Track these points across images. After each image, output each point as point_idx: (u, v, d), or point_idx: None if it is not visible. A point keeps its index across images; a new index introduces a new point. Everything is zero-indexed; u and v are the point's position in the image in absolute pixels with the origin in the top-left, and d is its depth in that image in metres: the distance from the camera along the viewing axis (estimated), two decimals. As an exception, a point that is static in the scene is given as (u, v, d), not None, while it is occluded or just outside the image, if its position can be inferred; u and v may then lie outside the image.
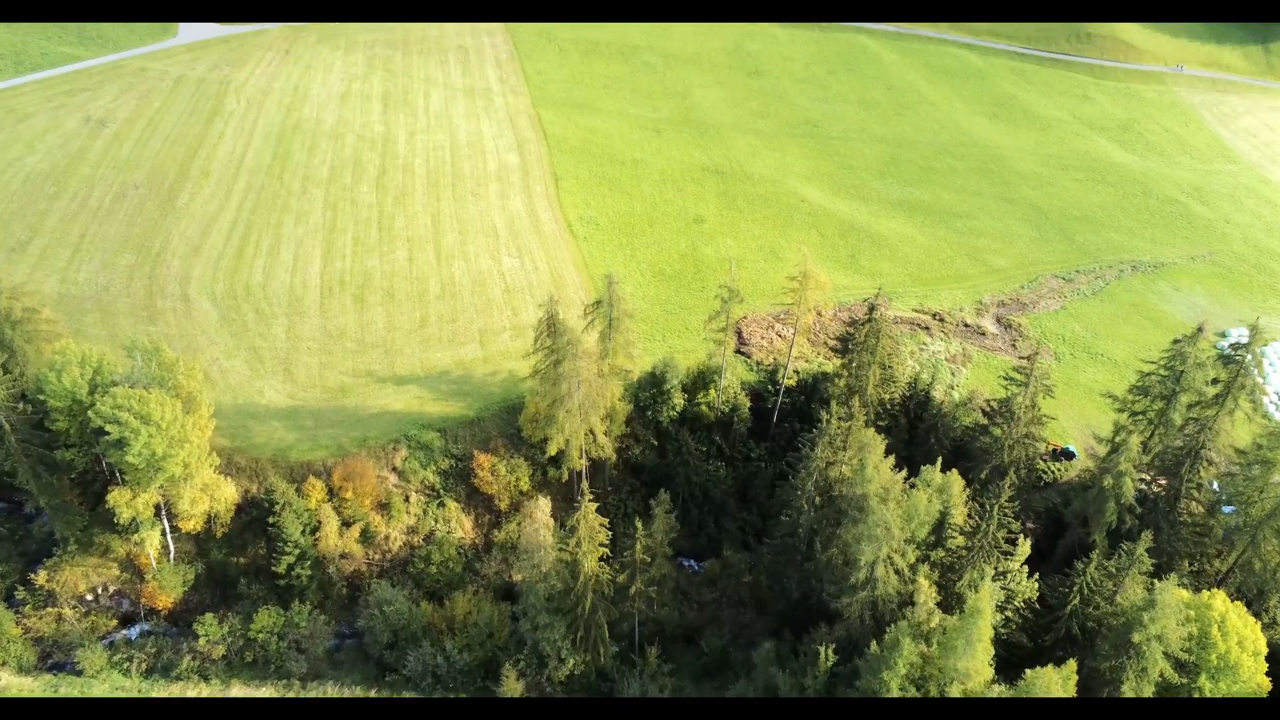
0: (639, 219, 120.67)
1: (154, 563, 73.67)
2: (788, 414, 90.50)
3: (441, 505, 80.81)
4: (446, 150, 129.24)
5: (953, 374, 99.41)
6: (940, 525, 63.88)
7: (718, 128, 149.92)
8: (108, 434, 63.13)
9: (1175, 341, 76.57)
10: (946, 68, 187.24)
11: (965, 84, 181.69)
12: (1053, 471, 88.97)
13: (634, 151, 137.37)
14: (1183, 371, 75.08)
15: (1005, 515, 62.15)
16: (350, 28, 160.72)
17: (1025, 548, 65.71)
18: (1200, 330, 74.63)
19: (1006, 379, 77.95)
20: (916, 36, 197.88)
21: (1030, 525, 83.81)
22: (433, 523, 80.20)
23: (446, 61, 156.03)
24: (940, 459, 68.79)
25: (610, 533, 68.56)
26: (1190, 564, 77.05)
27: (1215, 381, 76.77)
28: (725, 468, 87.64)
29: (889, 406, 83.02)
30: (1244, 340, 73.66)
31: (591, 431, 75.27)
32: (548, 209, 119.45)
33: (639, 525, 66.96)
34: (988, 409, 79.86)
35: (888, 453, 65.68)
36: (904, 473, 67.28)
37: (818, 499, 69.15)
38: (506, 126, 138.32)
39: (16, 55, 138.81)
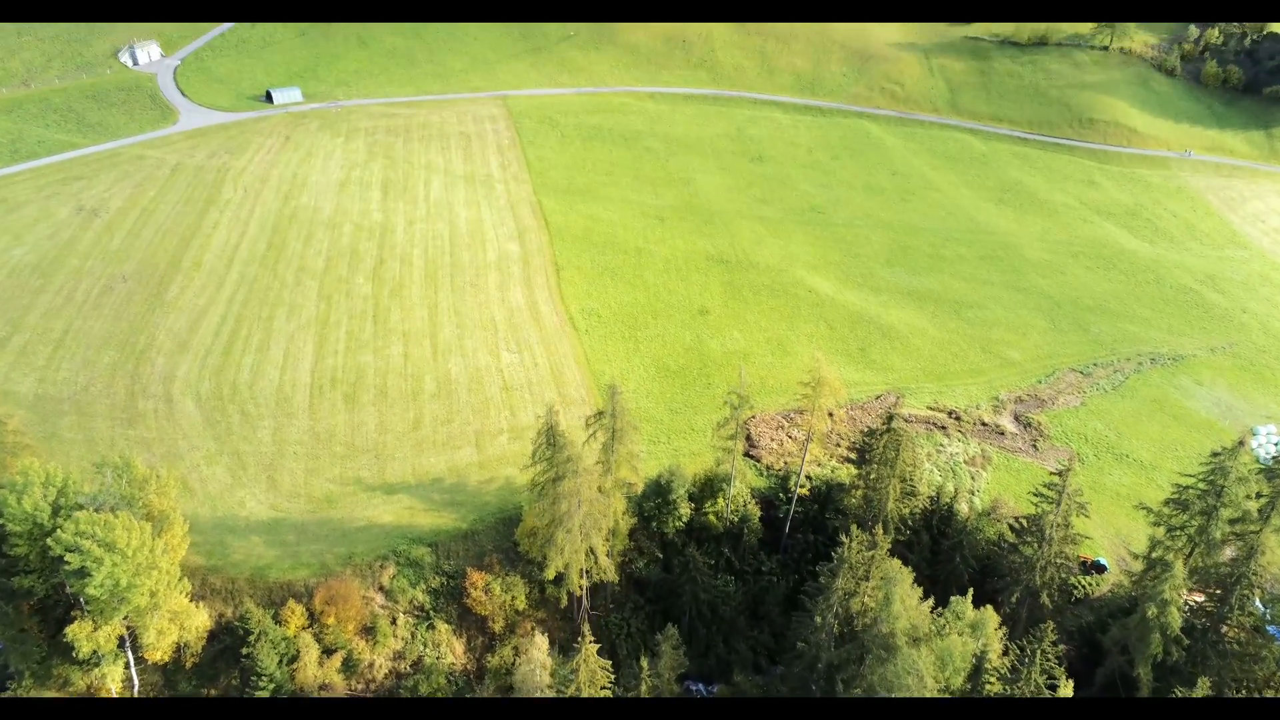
0: (642, 310, 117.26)
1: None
2: (801, 524, 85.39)
3: (431, 627, 75.13)
4: (446, 239, 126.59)
5: (973, 478, 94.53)
6: (977, 670, 58.37)
7: (722, 214, 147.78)
8: (68, 563, 58.19)
9: (1214, 454, 71.92)
10: (950, 153, 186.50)
11: (970, 169, 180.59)
12: (1083, 586, 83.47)
13: (637, 240, 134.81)
14: (1223, 487, 70.34)
15: (1048, 659, 56.74)
16: (352, 115, 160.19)
17: (1068, 689, 60.06)
18: (1241, 444, 70.05)
19: (1037, 495, 73.05)
20: (919, 122, 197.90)
21: (1063, 646, 78.07)
22: (421, 647, 74.40)
23: (448, 148, 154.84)
24: (967, 579, 63.84)
25: (612, 662, 63.10)
26: (1236, 692, 71.26)
27: (1258, 495, 71.97)
28: (735, 582, 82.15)
29: (910, 522, 77.93)
30: (1276, 439, 69.04)
31: (592, 551, 70.15)
32: (548, 300, 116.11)
33: (644, 664, 61.38)
34: (1016, 525, 74.81)
35: (907, 565, 60.63)
36: (930, 602, 62.13)
37: (838, 631, 63.72)
38: (507, 214, 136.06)
39: (13, 143, 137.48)
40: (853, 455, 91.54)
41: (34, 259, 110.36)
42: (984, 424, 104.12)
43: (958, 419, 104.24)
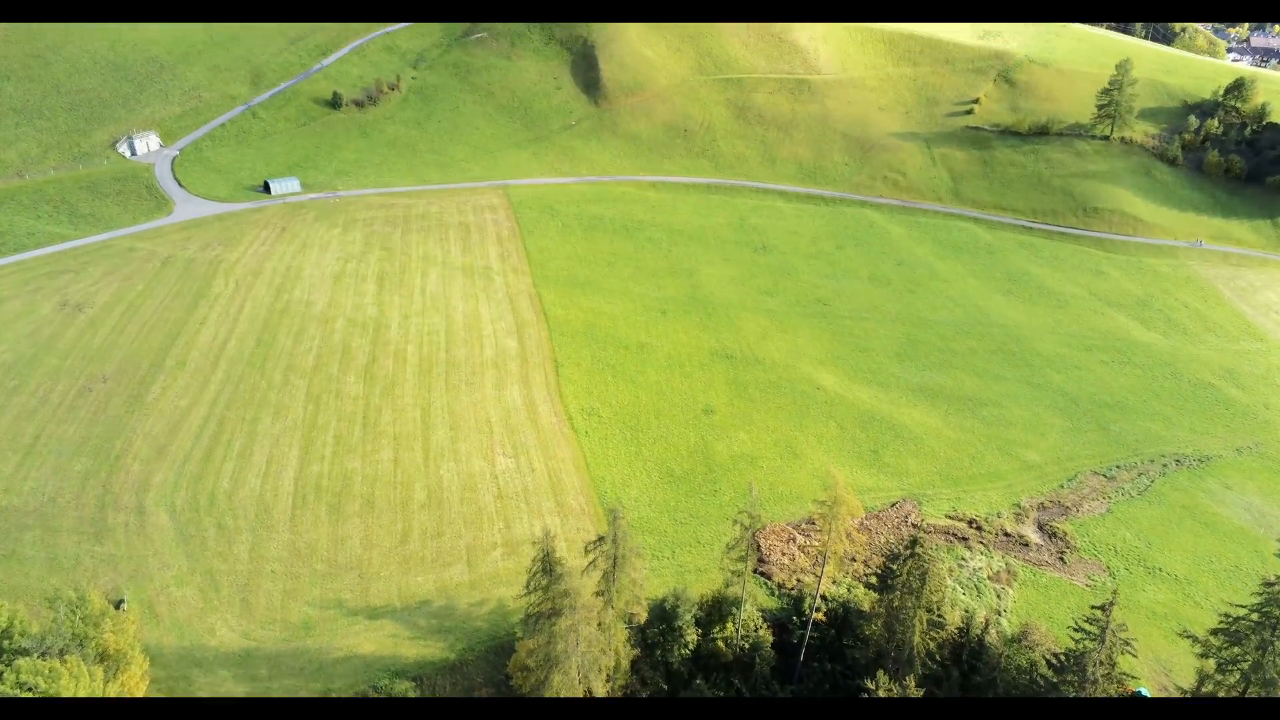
0: (645, 410, 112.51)
1: None
2: (817, 650, 78.96)
3: (413, 773, 68.11)
4: (442, 335, 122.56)
5: (999, 596, 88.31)
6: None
7: (725, 307, 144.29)
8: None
9: (1267, 584, 66.17)
10: (955, 242, 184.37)
11: (975, 259, 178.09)
12: (1126, 722, 76.52)
13: (639, 334, 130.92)
14: (1279, 619, 64.41)
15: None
16: (350, 206, 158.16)
17: None
18: (1297, 573, 64.38)
19: (1077, 630, 66.96)
20: (923, 211, 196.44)
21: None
22: (402, 796, 67.29)
23: (447, 238, 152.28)
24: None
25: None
26: None
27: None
28: (746, 717, 75.28)
29: (938, 656, 71.63)
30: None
31: (590, 692, 63.81)
32: (547, 399, 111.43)
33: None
34: (1055, 662, 68.44)
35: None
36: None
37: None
38: (506, 308, 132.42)
39: (1, 235, 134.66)
40: (870, 572, 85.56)
41: (10, 358, 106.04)
42: (1007, 534, 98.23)
43: (979, 529, 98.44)
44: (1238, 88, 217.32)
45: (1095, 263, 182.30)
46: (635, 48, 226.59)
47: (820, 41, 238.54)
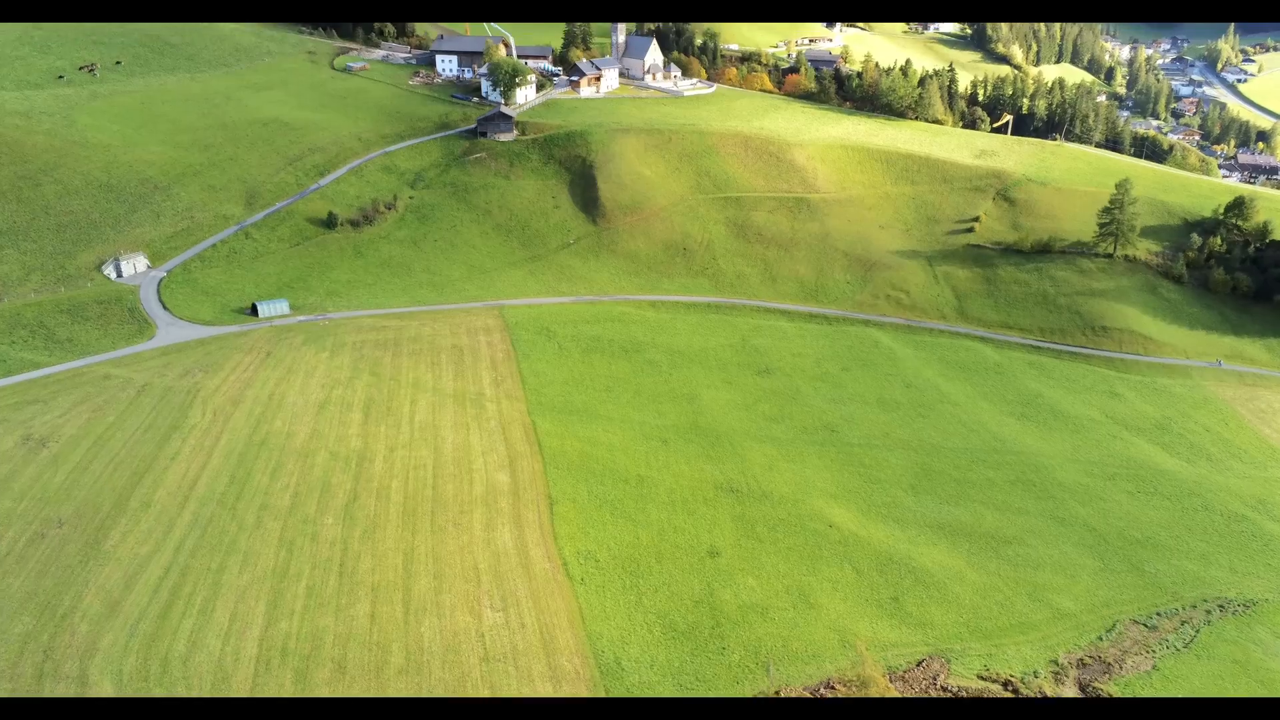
0: (645, 552, 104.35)
1: None
2: None
3: None
4: (429, 469, 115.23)
5: (1045, 777, 78.41)
6: None
7: (729, 435, 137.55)
8: None
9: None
10: (963, 362, 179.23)
11: (985, 380, 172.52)
12: None
13: (639, 466, 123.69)
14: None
15: None
16: (340, 328, 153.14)
17: None
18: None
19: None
20: (928, 330, 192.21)
21: None
22: None
23: (439, 363, 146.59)
24: None
25: None
26: None
27: None
28: None
29: None
30: None
31: None
32: (540, 542, 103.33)
33: None
34: None
35: None
36: None
37: None
38: (498, 438, 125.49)
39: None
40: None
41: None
42: (1047, 698, 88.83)
43: (1015, 691, 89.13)
44: (1238, 206, 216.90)
45: (1109, 383, 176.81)
46: (633, 166, 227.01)
47: (818, 161, 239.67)
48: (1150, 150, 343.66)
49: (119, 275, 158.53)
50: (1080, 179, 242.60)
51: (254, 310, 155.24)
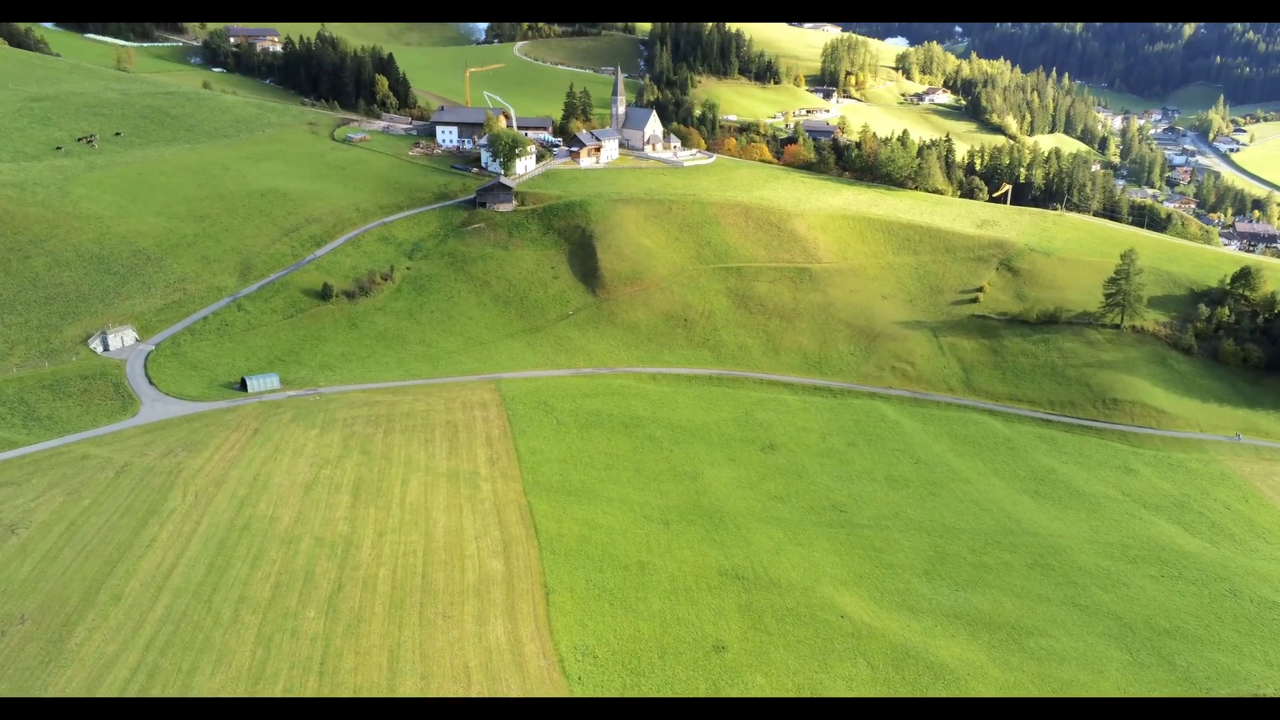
0: (647, 647, 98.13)
1: None
2: None
3: None
4: (419, 555, 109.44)
5: None
6: None
7: (733, 516, 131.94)
8: None
9: None
10: (972, 436, 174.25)
11: (996, 455, 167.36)
12: None
13: (639, 551, 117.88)
14: None
15: None
16: (331, 404, 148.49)
17: None
18: None
19: None
20: (934, 403, 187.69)
21: None
22: None
23: (432, 440, 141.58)
24: None
25: None
26: None
27: None
28: None
29: None
30: None
31: None
32: (535, 637, 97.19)
33: None
34: None
35: None
36: None
37: None
38: (493, 521, 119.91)
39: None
40: None
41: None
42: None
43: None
44: (1244, 276, 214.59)
45: (1123, 458, 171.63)
46: (633, 237, 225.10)
47: (819, 231, 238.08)
48: (1149, 219, 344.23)
49: (106, 349, 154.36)
50: (1083, 249, 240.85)
51: (243, 385, 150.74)
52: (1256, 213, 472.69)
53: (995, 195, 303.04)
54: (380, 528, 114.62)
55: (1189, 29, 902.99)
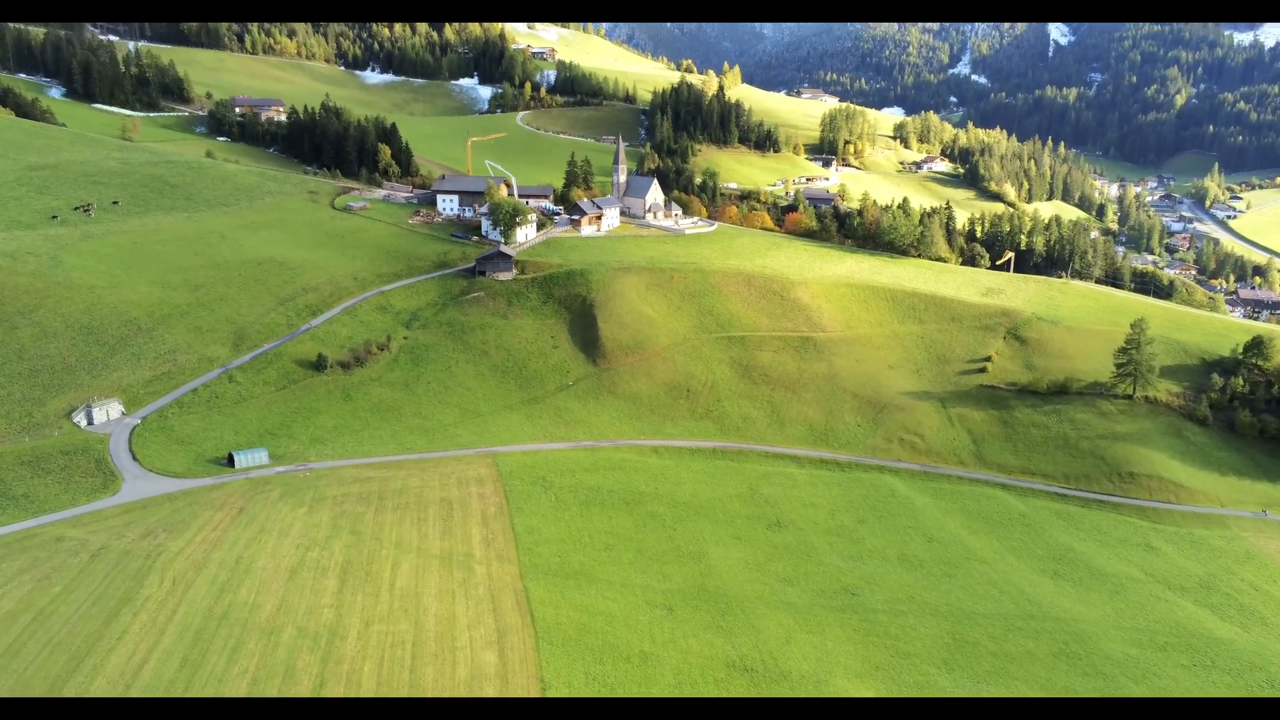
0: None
1: None
2: None
3: None
4: (407, 647, 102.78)
5: None
6: None
7: (740, 601, 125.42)
8: None
9: None
10: (986, 513, 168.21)
11: (1011, 533, 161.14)
12: None
13: (641, 640, 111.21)
14: None
15: None
16: (321, 480, 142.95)
17: None
18: None
19: None
20: (945, 476, 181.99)
21: None
22: None
23: (425, 519, 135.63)
24: None
25: None
26: None
27: None
28: None
29: None
30: None
31: None
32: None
33: None
34: None
35: None
36: None
37: None
38: (486, 608, 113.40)
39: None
40: None
41: None
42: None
43: None
44: (1257, 346, 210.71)
45: (1143, 535, 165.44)
46: (635, 305, 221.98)
47: (823, 299, 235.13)
48: (1152, 286, 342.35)
49: (90, 423, 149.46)
50: (1091, 317, 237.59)
51: (231, 460, 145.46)
52: (1258, 279, 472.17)
53: (999, 263, 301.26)
54: (368, 616, 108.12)
55: (1180, 99, 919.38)
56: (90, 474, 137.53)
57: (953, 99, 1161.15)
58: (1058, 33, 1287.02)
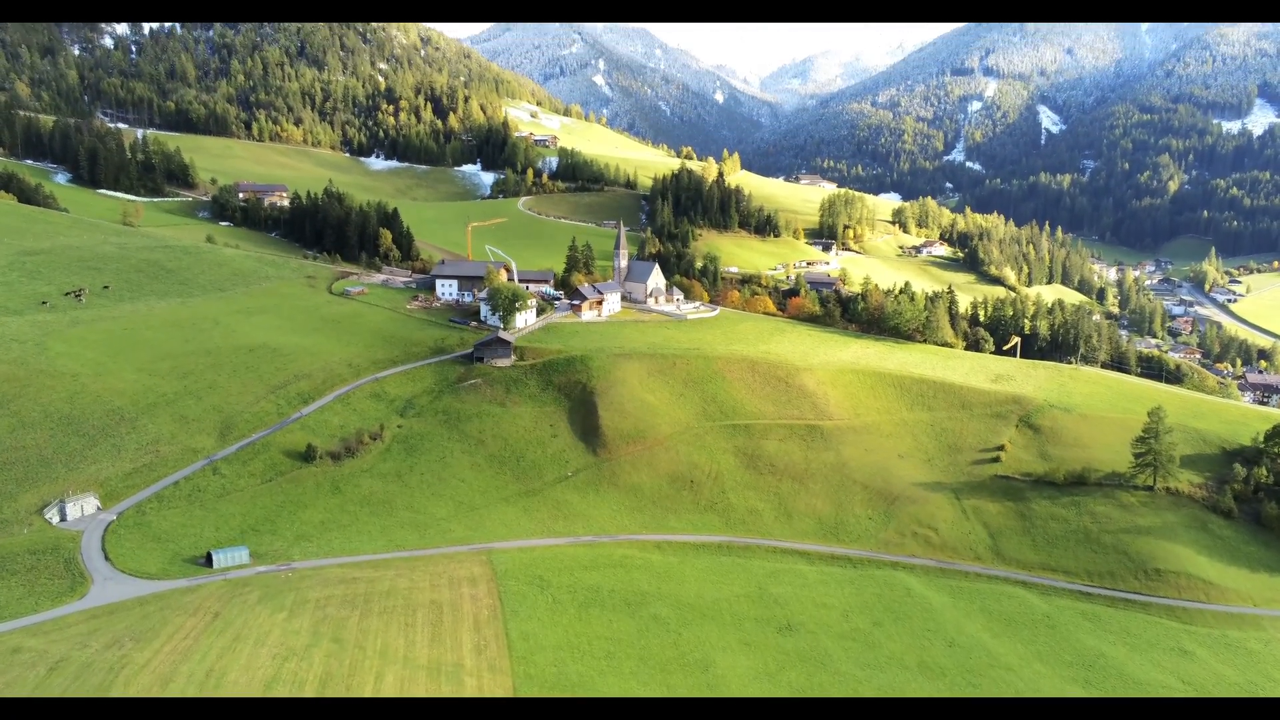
0: None
1: None
2: None
3: None
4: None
5: None
6: None
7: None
8: None
9: None
10: (1008, 613, 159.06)
11: (1036, 636, 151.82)
12: None
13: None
14: None
15: None
16: (304, 581, 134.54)
17: None
18: None
19: None
20: (963, 573, 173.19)
21: None
22: None
23: (413, 624, 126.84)
24: None
25: None
26: None
27: None
28: None
29: None
30: None
31: None
32: None
33: None
34: None
35: None
36: None
37: None
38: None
39: None
40: None
41: None
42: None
43: None
44: (1278, 435, 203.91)
45: (1175, 638, 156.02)
46: (636, 393, 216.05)
47: (829, 386, 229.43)
48: (1159, 371, 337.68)
49: (63, 519, 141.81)
50: (1104, 404, 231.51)
51: (209, 560, 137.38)
52: (1263, 363, 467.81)
53: (1005, 348, 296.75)
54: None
55: (1174, 185, 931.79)
56: (58, 575, 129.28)
57: (948, 184, 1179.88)
58: (1049, 121, 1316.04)
